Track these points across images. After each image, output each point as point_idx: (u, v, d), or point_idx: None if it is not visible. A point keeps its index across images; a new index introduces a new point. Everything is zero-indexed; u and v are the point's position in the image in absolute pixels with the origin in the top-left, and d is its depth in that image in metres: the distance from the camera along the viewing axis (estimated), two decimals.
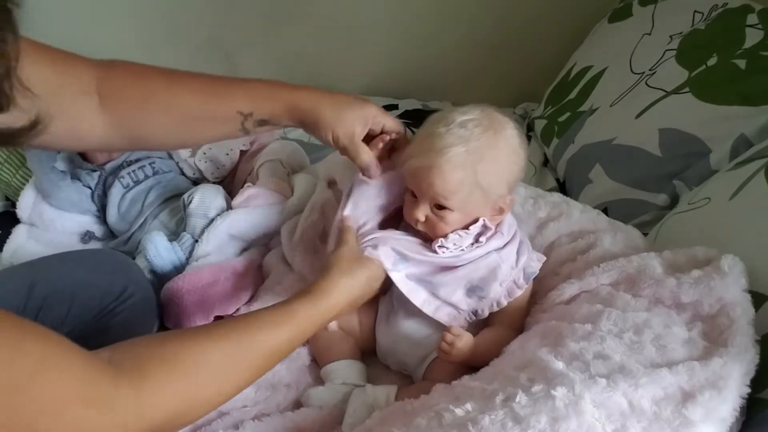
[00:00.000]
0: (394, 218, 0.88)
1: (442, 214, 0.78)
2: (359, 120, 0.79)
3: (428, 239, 0.82)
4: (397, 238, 0.82)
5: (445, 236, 0.79)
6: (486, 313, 0.82)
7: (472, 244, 0.80)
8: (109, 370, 0.49)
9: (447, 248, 0.80)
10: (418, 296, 0.81)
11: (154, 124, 0.77)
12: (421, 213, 0.78)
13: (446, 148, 0.74)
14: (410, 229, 0.83)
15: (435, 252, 0.80)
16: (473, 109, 0.79)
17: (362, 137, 0.80)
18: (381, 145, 0.83)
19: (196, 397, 0.55)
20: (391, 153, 0.86)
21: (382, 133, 0.83)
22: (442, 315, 0.81)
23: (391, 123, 0.83)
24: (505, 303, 0.81)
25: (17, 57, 0.36)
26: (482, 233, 0.80)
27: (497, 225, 0.82)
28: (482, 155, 0.75)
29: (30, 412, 0.42)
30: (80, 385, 0.46)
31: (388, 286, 0.83)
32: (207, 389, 0.56)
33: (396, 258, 0.81)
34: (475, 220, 0.80)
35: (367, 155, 0.81)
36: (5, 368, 0.41)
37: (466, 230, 0.80)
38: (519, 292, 0.81)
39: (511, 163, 0.79)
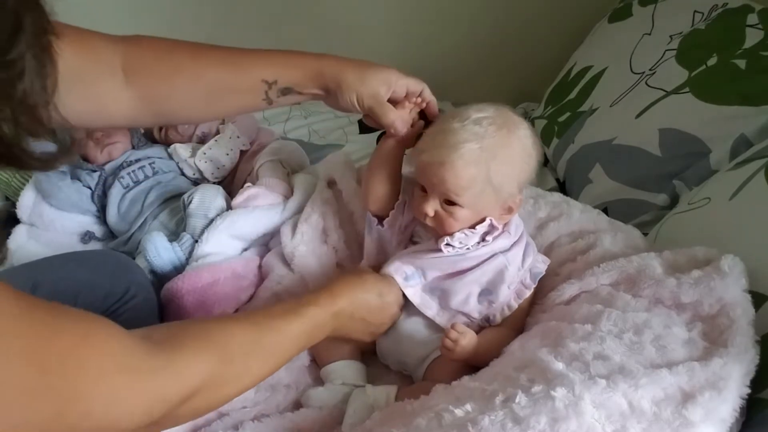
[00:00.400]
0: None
1: (451, 210, 0.77)
2: (382, 82, 0.80)
3: (435, 250, 0.82)
4: (406, 252, 0.84)
5: (451, 234, 0.79)
6: (499, 319, 0.82)
7: (478, 243, 0.80)
8: (146, 342, 0.52)
9: (453, 246, 0.79)
10: (430, 309, 0.82)
11: (180, 99, 0.78)
12: (431, 207, 0.78)
13: (460, 144, 0.74)
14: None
15: (440, 250, 0.80)
16: (488, 107, 0.78)
17: (386, 98, 0.81)
18: (407, 104, 0.84)
19: (226, 371, 0.58)
20: (421, 117, 0.87)
21: (407, 96, 0.85)
22: None
23: (414, 84, 0.84)
24: (515, 305, 0.81)
25: (54, 88, 0.37)
26: (489, 232, 0.80)
27: (505, 224, 0.82)
28: (496, 153, 0.75)
29: (74, 382, 0.45)
30: (120, 355, 0.49)
31: None
32: (235, 365, 0.59)
33: (408, 273, 0.81)
34: (482, 220, 0.80)
35: (393, 113, 0.81)
36: (48, 347, 0.43)
37: (472, 229, 0.79)
38: (528, 293, 0.81)
39: (523, 163, 0.78)
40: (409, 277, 0.82)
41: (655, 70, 1.21)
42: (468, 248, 0.80)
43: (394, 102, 0.83)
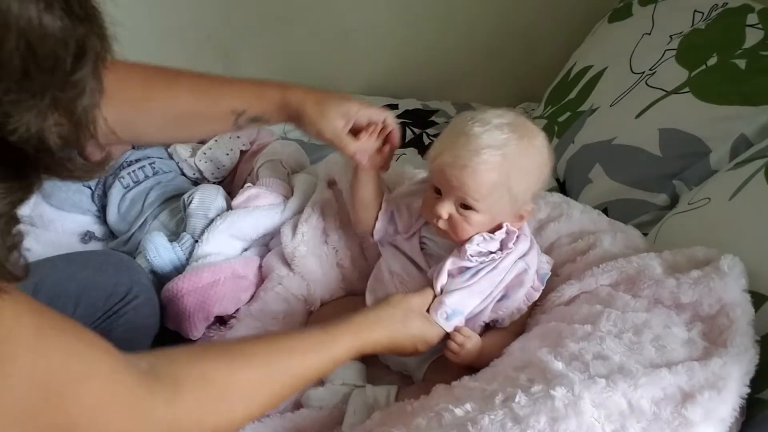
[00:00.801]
0: None
1: (466, 214, 0.76)
2: (341, 114, 0.81)
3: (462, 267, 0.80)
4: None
5: (469, 240, 0.78)
6: (507, 323, 0.82)
7: (501, 249, 0.79)
8: (149, 380, 0.50)
9: (475, 256, 0.78)
10: (440, 313, 0.79)
11: (150, 123, 0.79)
12: (445, 210, 0.76)
13: (483, 149, 0.73)
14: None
15: (470, 261, 0.78)
16: (506, 113, 0.78)
17: (347, 130, 0.82)
18: (367, 134, 0.84)
19: (226, 416, 0.57)
20: (384, 144, 0.87)
21: (369, 125, 0.85)
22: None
23: (375, 114, 0.84)
24: (525, 309, 0.81)
25: (101, 94, 0.38)
26: (507, 239, 0.80)
27: (519, 229, 0.82)
28: (517, 162, 0.75)
29: (73, 414, 0.44)
30: (123, 393, 0.48)
31: None
32: (236, 410, 0.58)
33: (449, 312, 0.79)
34: (498, 226, 0.79)
35: (353, 145, 0.82)
36: (57, 370, 0.43)
37: (491, 234, 0.79)
38: (537, 296, 0.81)
39: (540, 173, 0.78)
40: (451, 317, 0.79)
41: (655, 70, 1.21)
42: (493, 257, 0.79)
43: (357, 130, 0.84)
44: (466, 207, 0.76)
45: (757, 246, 0.78)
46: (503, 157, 0.73)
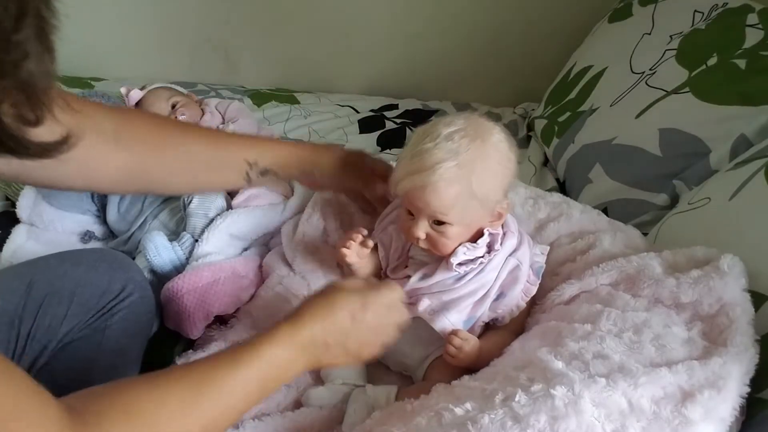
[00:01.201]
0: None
1: (442, 230, 0.77)
2: (352, 173, 0.87)
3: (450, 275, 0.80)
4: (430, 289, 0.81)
5: (452, 253, 0.78)
6: (507, 320, 0.82)
7: (489, 252, 0.79)
8: (75, 422, 0.48)
9: (463, 264, 0.78)
10: (443, 325, 0.79)
11: (166, 169, 0.80)
12: (421, 231, 0.77)
13: (437, 165, 0.72)
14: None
15: (457, 272, 0.78)
16: (457, 119, 0.77)
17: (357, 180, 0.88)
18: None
19: None
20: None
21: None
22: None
23: (379, 165, 0.90)
24: (524, 305, 0.81)
25: (54, 77, 0.37)
26: (493, 241, 0.80)
27: (502, 226, 0.82)
28: (474, 166, 0.74)
29: None
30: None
31: None
32: None
33: (433, 307, 0.79)
34: (479, 233, 0.79)
35: (378, 187, 0.89)
36: None
37: (473, 243, 0.79)
38: (534, 290, 0.81)
39: (503, 169, 0.77)
40: (436, 313, 0.79)
41: (655, 70, 1.21)
42: (482, 262, 0.79)
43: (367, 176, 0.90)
44: (439, 222, 0.76)
45: (757, 246, 0.78)
46: (458, 166, 0.73)
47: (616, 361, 0.63)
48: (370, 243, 0.82)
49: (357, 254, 0.82)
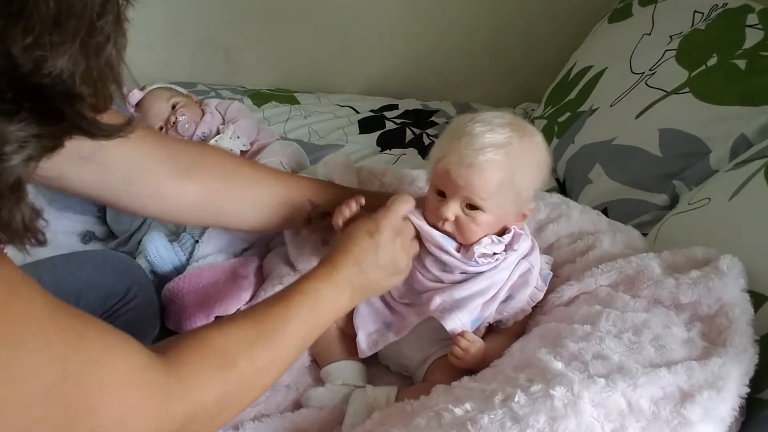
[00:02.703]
0: None
1: (473, 215, 0.76)
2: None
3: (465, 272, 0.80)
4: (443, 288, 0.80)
5: (477, 242, 0.78)
6: (511, 323, 0.82)
7: (506, 250, 0.79)
8: (159, 359, 0.52)
9: (486, 255, 0.78)
10: (454, 325, 0.78)
11: (237, 200, 0.82)
12: (451, 212, 0.76)
13: (487, 148, 0.73)
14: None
15: (476, 262, 0.78)
16: (505, 114, 0.79)
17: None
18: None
19: (231, 373, 0.57)
20: None
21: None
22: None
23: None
24: (529, 309, 0.81)
25: (125, 48, 0.40)
26: (514, 240, 0.80)
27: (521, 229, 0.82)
28: (520, 160, 0.75)
29: (92, 394, 0.45)
30: (138, 371, 0.49)
31: None
32: (240, 364, 0.58)
33: (445, 306, 0.78)
34: (505, 229, 0.80)
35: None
36: (74, 350, 0.44)
37: (499, 236, 0.79)
38: (540, 296, 0.81)
39: (541, 171, 0.79)
40: (449, 309, 0.78)
41: (655, 70, 1.21)
42: (497, 258, 0.79)
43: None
44: (473, 207, 0.76)
45: (757, 246, 0.78)
46: (506, 155, 0.74)
47: (616, 361, 0.63)
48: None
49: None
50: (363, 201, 0.81)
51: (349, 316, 0.86)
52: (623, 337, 0.68)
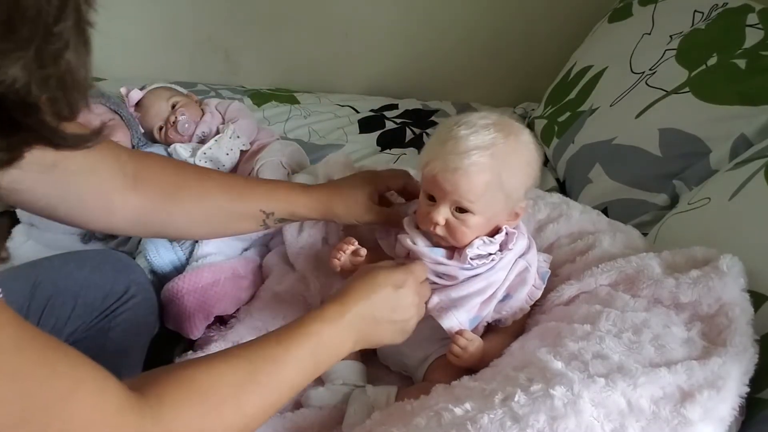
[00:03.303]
0: None
1: (463, 218, 0.76)
2: (367, 209, 0.88)
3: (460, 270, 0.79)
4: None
5: (468, 244, 0.78)
6: (510, 322, 0.82)
7: (501, 250, 0.79)
8: (135, 397, 0.48)
9: (477, 258, 0.78)
10: (451, 324, 0.78)
11: (183, 213, 0.81)
12: (441, 216, 0.76)
13: (472, 151, 0.73)
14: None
15: (470, 265, 0.78)
16: (490, 114, 0.79)
17: (377, 210, 0.89)
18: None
19: (215, 418, 0.54)
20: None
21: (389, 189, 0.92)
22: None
23: (393, 181, 0.91)
24: (527, 308, 0.81)
25: (90, 72, 0.37)
26: (508, 240, 0.80)
27: (516, 228, 0.82)
28: (506, 160, 0.75)
29: None
30: (111, 411, 0.46)
31: None
32: (225, 409, 0.54)
33: (442, 305, 0.78)
34: (496, 229, 0.80)
35: (386, 216, 0.89)
36: (40, 386, 0.41)
37: (491, 237, 0.79)
38: (539, 294, 0.81)
39: (530, 169, 0.78)
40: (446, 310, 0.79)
41: (655, 70, 1.21)
42: (493, 258, 0.79)
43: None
44: (462, 210, 0.76)
45: (757, 246, 0.78)
46: (492, 156, 0.74)
47: (616, 361, 0.63)
48: (363, 251, 0.83)
49: (350, 262, 0.83)
50: (363, 253, 0.82)
51: None
52: (623, 336, 0.67)
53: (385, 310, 0.69)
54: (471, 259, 0.77)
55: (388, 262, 0.77)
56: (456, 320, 0.77)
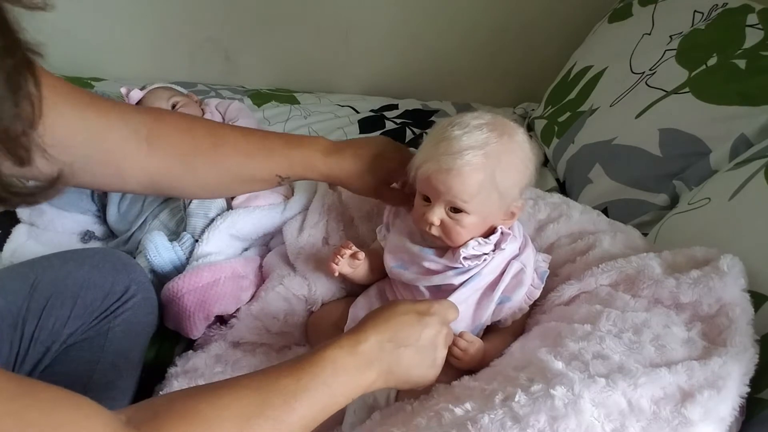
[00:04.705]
0: None
1: (458, 218, 0.77)
2: (377, 192, 0.88)
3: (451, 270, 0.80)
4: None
5: (463, 245, 0.78)
6: (509, 323, 0.82)
7: (494, 250, 0.80)
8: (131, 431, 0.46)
9: (469, 258, 0.78)
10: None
11: (196, 177, 0.81)
12: (436, 216, 0.77)
13: (465, 151, 0.74)
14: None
15: (461, 265, 0.78)
16: (484, 113, 0.79)
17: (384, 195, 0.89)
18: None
19: None
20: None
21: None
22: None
23: (400, 156, 0.88)
24: (527, 308, 0.81)
25: (34, 118, 0.35)
26: (502, 240, 0.80)
27: (510, 228, 0.82)
28: (500, 159, 0.75)
29: None
30: None
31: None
32: None
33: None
34: (492, 229, 0.80)
35: (393, 197, 0.90)
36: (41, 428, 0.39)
37: (485, 238, 0.79)
38: (538, 294, 0.81)
39: (525, 168, 0.79)
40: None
41: (655, 70, 1.21)
42: (484, 258, 0.79)
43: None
44: (456, 210, 0.76)
45: (757, 246, 0.78)
46: (485, 156, 0.74)
47: (616, 361, 0.63)
48: (362, 255, 0.83)
49: (349, 265, 0.84)
50: (361, 256, 0.82)
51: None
52: (623, 336, 0.67)
53: (408, 338, 0.64)
54: (464, 258, 0.78)
55: (410, 300, 0.77)
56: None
